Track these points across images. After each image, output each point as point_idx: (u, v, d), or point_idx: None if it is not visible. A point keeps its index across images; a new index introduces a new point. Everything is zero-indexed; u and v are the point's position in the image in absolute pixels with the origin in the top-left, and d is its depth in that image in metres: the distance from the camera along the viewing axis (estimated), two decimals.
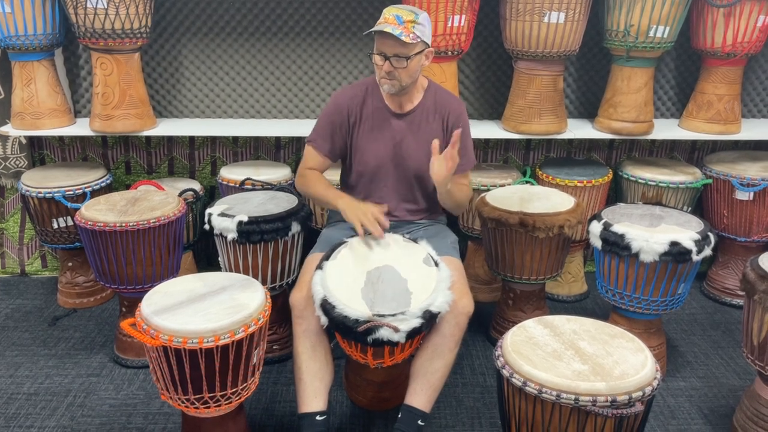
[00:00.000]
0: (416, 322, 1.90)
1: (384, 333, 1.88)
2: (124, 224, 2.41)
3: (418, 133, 2.32)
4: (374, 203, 2.39)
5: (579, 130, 3.16)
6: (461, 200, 2.37)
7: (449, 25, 2.78)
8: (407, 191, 2.38)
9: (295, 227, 2.51)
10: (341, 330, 1.96)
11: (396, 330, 1.88)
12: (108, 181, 3.10)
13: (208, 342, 1.78)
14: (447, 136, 2.33)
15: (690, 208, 3.14)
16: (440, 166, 2.13)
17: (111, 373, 2.63)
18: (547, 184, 3.07)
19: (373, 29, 2.14)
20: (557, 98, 3.02)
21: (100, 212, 2.49)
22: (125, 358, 2.67)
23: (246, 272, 2.49)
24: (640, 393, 1.63)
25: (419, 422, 2.06)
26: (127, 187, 3.32)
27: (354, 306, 1.92)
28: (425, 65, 2.25)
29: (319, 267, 2.09)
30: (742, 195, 3.08)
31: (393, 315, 1.90)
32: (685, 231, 2.36)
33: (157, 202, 2.61)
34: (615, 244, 2.38)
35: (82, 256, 3.07)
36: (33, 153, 3.37)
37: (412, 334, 1.92)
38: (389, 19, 2.11)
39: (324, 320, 1.98)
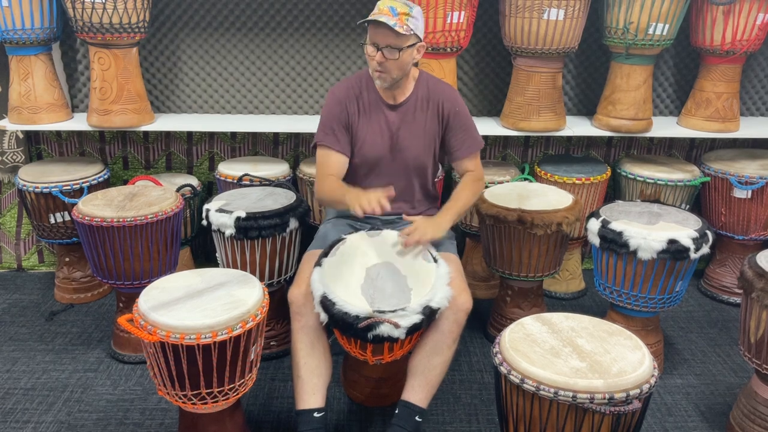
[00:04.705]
0: (416, 318, 1.91)
1: (384, 329, 1.88)
2: (121, 219, 2.41)
3: (413, 123, 2.32)
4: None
5: (578, 127, 3.16)
6: (473, 201, 2.39)
7: (448, 21, 2.78)
8: (405, 183, 2.38)
9: (293, 223, 2.51)
10: (341, 327, 1.95)
11: (396, 326, 1.88)
12: (105, 177, 3.09)
13: (205, 338, 1.78)
14: (442, 124, 2.34)
15: (688, 206, 3.14)
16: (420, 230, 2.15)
17: (108, 368, 2.63)
18: (545, 181, 3.07)
19: (366, 19, 2.14)
20: (556, 95, 3.02)
21: (97, 207, 2.48)
22: (122, 353, 2.67)
23: (244, 268, 2.48)
24: (637, 390, 1.63)
25: (416, 418, 2.06)
26: (125, 182, 3.32)
27: (354, 303, 1.92)
28: (416, 59, 2.25)
29: (318, 264, 2.09)
30: (740, 193, 3.08)
31: (393, 311, 1.90)
32: (683, 229, 2.36)
33: (154, 197, 2.61)
34: (613, 242, 2.38)
35: (79, 252, 3.06)
36: (30, 148, 3.36)
37: (412, 330, 1.92)
38: (384, 10, 2.11)
39: (324, 317, 1.98)
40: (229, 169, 3.06)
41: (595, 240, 2.46)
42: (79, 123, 3.05)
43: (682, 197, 3.12)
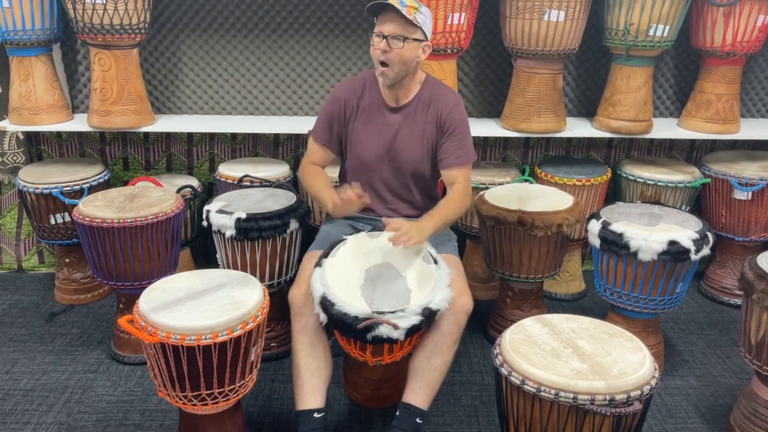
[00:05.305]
0: (415, 320, 1.91)
1: (383, 330, 1.88)
2: (121, 220, 2.41)
3: (413, 126, 2.32)
4: (369, 198, 2.38)
5: (578, 128, 3.16)
6: (459, 214, 2.29)
7: (449, 22, 2.78)
8: (403, 186, 2.38)
9: (294, 224, 2.51)
10: (340, 327, 1.95)
11: (395, 327, 1.88)
12: (106, 178, 3.09)
13: (206, 339, 1.78)
14: (439, 129, 2.30)
15: (688, 208, 3.14)
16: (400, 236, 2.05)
17: (108, 369, 2.62)
18: (545, 182, 3.07)
19: (375, 2, 2.13)
20: (556, 97, 3.02)
21: (97, 208, 2.48)
22: (122, 354, 2.66)
23: (244, 269, 2.48)
24: (638, 392, 1.63)
25: (417, 420, 2.06)
26: (125, 183, 3.31)
27: (353, 303, 1.92)
28: (421, 59, 2.23)
29: (318, 264, 2.09)
30: (741, 194, 3.08)
31: (392, 312, 1.90)
32: (684, 230, 2.36)
33: (155, 198, 2.61)
34: (613, 243, 2.38)
35: (79, 253, 3.06)
36: (30, 149, 3.36)
37: (412, 331, 1.92)
38: (393, 1, 2.12)
39: (323, 317, 1.98)
40: (229, 170, 3.05)
41: (595, 241, 2.45)
42: (79, 124, 3.05)
43: (683, 199, 3.12)
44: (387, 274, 2.06)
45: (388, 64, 2.17)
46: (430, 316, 1.96)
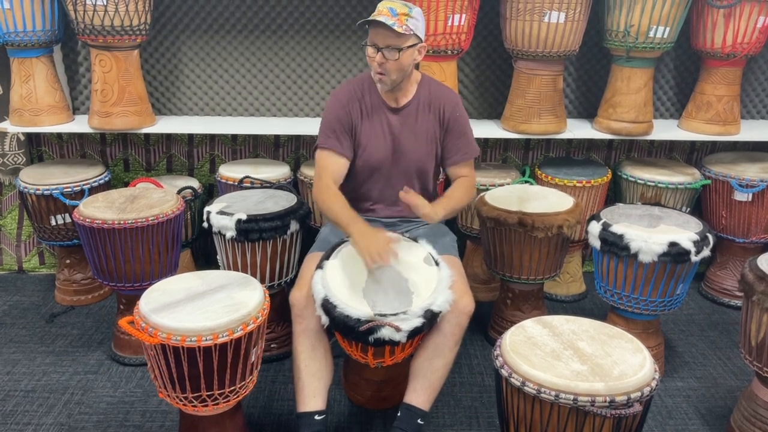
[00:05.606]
0: (418, 322, 1.91)
1: (386, 333, 1.88)
2: (122, 222, 2.41)
3: (415, 126, 2.32)
4: (373, 202, 2.39)
5: (578, 130, 3.16)
6: (465, 203, 2.36)
7: (449, 24, 2.78)
8: (406, 186, 2.35)
9: (294, 226, 2.51)
10: (342, 330, 1.95)
11: (398, 329, 1.88)
12: (106, 179, 3.09)
13: (206, 340, 1.78)
14: (443, 128, 2.33)
15: (689, 209, 3.15)
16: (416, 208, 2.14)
17: (108, 370, 2.63)
18: (546, 183, 3.07)
19: (365, 20, 2.14)
20: (557, 98, 3.02)
21: (98, 209, 2.48)
22: (123, 355, 2.67)
23: (244, 270, 2.48)
24: (638, 393, 1.63)
25: (418, 421, 2.06)
26: (126, 184, 3.32)
27: (355, 306, 1.92)
28: (417, 60, 2.24)
29: (320, 266, 2.09)
30: (741, 196, 3.08)
31: (395, 314, 1.90)
32: (684, 232, 2.36)
33: (155, 199, 2.61)
34: (614, 245, 2.38)
35: (80, 254, 3.06)
36: (31, 150, 3.36)
37: (414, 333, 1.92)
38: (383, 11, 2.11)
39: (325, 320, 1.98)
40: (230, 171, 3.06)
41: (595, 243, 2.46)
42: (80, 125, 3.06)
43: (683, 200, 3.12)
44: (389, 276, 2.06)
45: (386, 73, 2.18)
46: (432, 318, 1.96)
